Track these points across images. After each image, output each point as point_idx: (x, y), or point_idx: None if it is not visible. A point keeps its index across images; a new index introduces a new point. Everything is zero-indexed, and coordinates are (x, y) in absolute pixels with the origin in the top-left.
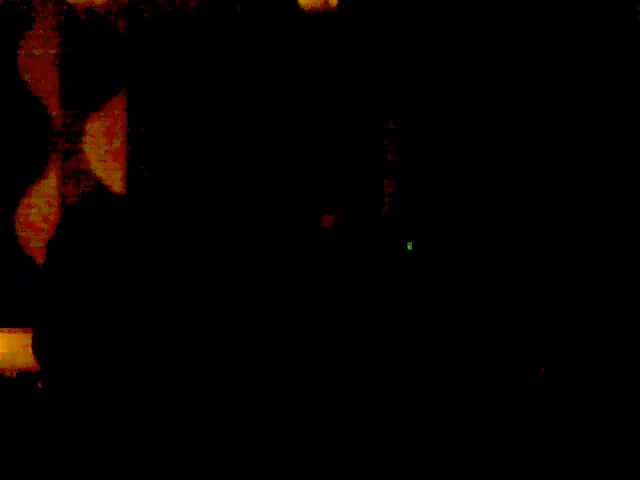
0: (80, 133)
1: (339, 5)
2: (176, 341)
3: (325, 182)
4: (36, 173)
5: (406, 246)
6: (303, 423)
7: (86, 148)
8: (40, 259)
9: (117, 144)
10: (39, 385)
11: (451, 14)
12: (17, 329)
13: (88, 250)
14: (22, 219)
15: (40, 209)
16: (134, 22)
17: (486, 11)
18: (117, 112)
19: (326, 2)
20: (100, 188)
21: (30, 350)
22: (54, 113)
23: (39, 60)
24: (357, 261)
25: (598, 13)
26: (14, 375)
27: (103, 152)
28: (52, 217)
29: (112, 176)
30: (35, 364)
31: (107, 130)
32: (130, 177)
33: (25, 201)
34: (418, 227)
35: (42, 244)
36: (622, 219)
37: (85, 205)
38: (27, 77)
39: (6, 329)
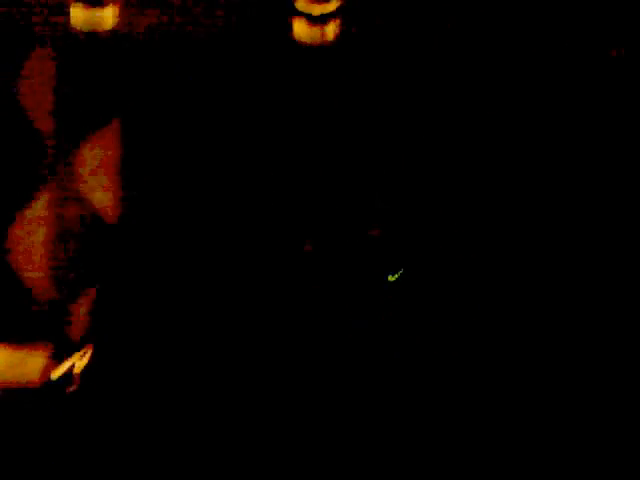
0: (74, 157)
1: (337, 40)
2: (173, 348)
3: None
4: (30, 195)
5: (387, 277)
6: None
7: (80, 171)
8: (31, 280)
9: (111, 167)
10: (30, 402)
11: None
12: (7, 345)
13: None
14: (13, 239)
15: (32, 232)
16: (133, 51)
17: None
18: (112, 136)
19: (323, 36)
20: (93, 212)
21: (20, 367)
22: (49, 137)
23: (37, 84)
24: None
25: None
26: (4, 392)
27: (97, 175)
28: (44, 238)
29: (106, 199)
30: (25, 381)
31: (102, 154)
32: (124, 202)
33: (17, 222)
34: (409, 249)
35: (32, 263)
36: (621, 221)
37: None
38: (24, 100)
39: None
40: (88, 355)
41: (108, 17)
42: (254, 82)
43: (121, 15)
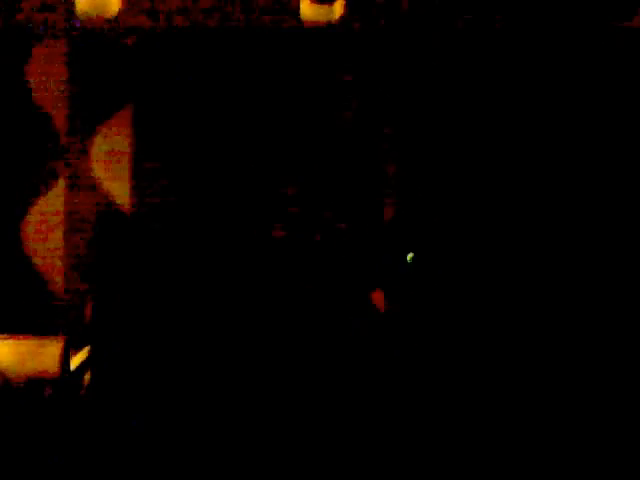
0: (87, 147)
1: (342, 18)
2: (177, 341)
3: (328, 192)
4: (44, 186)
5: (406, 258)
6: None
7: (93, 162)
8: (45, 268)
9: (123, 158)
10: (47, 392)
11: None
12: (24, 336)
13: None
14: (29, 230)
15: (47, 221)
16: (141, 41)
17: (480, 32)
18: (124, 127)
19: (329, 15)
20: (107, 200)
21: (37, 357)
22: (62, 128)
23: (48, 76)
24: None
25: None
26: (22, 382)
27: (110, 165)
28: (59, 228)
29: (119, 189)
30: (42, 371)
31: (114, 144)
32: (136, 190)
33: (33, 213)
34: (420, 235)
35: (47, 254)
36: (620, 219)
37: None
38: (36, 93)
39: (15, 336)
40: (102, 347)
41: (114, 4)
42: (262, 65)
43: (129, 5)
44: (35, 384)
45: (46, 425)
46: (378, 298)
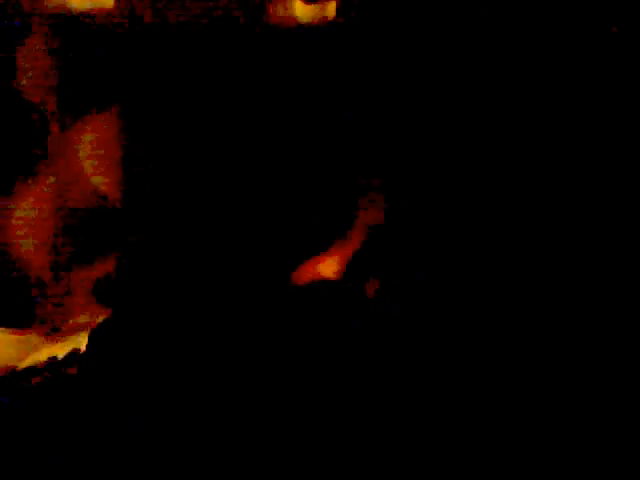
0: (75, 138)
1: (336, 17)
2: (172, 341)
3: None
4: (31, 177)
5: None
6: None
7: (81, 153)
8: (32, 260)
9: (112, 149)
10: (32, 383)
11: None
12: (7, 328)
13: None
14: (16, 222)
15: (34, 213)
16: (131, 31)
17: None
18: (113, 118)
19: (323, 14)
20: (95, 193)
21: (21, 348)
22: (50, 118)
23: (36, 65)
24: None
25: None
26: (6, 375)
27: (98, 157)
28: (46, 221)
29: (107, 181)
30: (26, 362)
31: (102, 135)
32: (125, 182)
33: (19, 205)
34: (416, 238)
35: (34, 246)
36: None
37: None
38: (23, 82)
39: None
40: (88, 337)
41: None
42: (255, 61)
43: None
44: (19, 376)
45: (31, 417)
46: (370, 285)
